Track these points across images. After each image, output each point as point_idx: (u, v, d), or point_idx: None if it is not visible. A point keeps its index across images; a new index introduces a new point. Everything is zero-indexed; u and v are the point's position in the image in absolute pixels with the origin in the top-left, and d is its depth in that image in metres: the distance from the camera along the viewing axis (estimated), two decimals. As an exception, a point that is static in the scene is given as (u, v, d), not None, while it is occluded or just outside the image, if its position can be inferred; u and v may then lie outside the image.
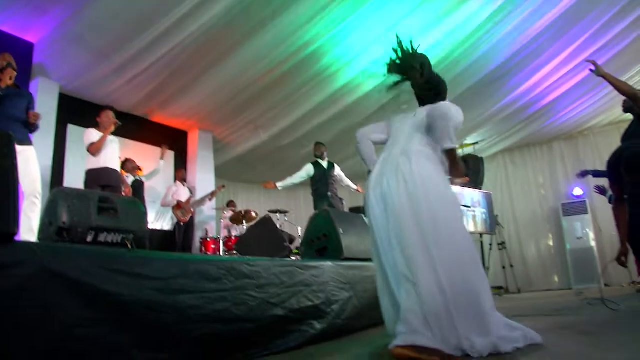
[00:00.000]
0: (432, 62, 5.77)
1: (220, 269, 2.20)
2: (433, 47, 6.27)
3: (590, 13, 6.27)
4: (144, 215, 3.50)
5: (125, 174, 7.05)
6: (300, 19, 5.71)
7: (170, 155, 8.90)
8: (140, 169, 7.17)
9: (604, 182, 6.37)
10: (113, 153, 5.62)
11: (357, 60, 6.65)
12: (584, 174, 6.10)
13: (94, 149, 5.36)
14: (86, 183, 5.35)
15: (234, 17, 5.59)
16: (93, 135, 5.46)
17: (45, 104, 6.64)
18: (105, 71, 6.55)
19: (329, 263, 3.06)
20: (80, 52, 6.17)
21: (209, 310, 2.07)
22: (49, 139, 6.54)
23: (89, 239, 3.20)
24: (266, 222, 4.66)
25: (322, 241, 3.70)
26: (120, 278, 1.84)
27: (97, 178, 5.29)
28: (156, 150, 8.58)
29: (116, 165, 5.69)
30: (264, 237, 4.58)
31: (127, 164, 7.11)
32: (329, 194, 6.86)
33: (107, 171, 5.41)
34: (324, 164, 7.08)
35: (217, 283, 2.16)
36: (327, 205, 6.33)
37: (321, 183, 6.91)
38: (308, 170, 7.06)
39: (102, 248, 2.44)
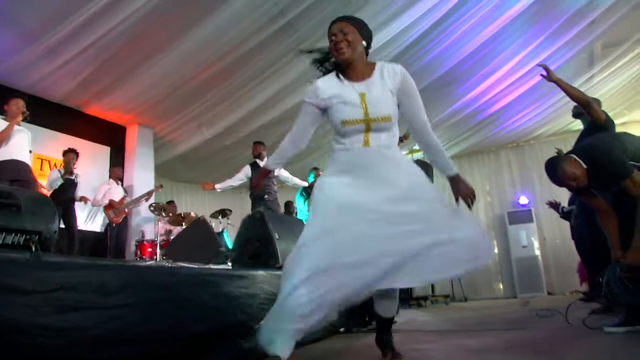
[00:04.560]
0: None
1: (121, 279, 1.84)
2: (380, 49, 6.08)
3: (538, 21, 6.28)
4: (54, 214, 3.07)
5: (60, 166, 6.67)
6: (249, 4, 5.36)
7: (105, 151, 8.36)
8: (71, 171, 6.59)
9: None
10: (22, 144, 5.09)
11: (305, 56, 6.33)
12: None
13: None
14: None
15: (175, 1, 5.20)
16: None
17: (-38, 89, 6.05)
18: (34, 54, 5.94)
19: (260, 272, 2.73)
20: (6, 32, 5.60)
21: (104, 330, 1.71)
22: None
23: (-18, 240, 2.77)
24: (200, 225, 4.30)
25: (255, 247, 3.36)
26: (-16, 292, 1.47)
27: (4, 171, 4.76)
28: (90, 146, 8.02)
29: (26, 158, 5.16)
30: (197, 241, 4.22)
31: (68, 154, 6.58)
32: (266, 196, 6.54)
33: (14, 163, 4.87)
34: (262, 164, 6.77)
35: (116, 296, 1.80)
36: (264, 208, 5.98)
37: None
38: (246, 171, 6.80)
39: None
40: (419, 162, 9.53)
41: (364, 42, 2.19)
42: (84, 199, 6.66)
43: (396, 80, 2.15)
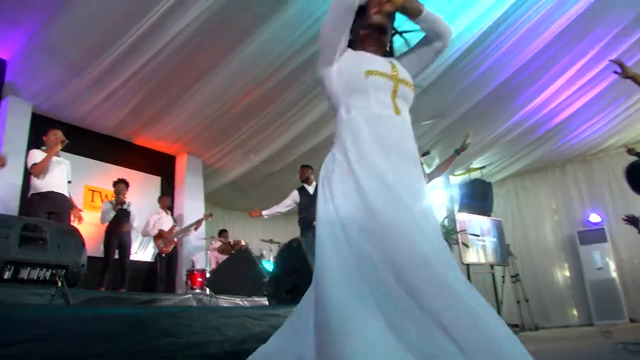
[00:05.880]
0: (432, 78, 5.20)
1: (121, 323, 1.59)
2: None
3: (602, 21, 5.74)
4: (81, 246, 2.92)
5: (111, 197, 6.67)
6: (289, 24, 5.19)
7: (156, 181, 8.41)
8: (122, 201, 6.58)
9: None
10: (61, 176, 5.11)
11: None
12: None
13: (37, 170, 4.86)
14: (29, 209, 4.82)
15: (214, 25, 5.11)
16: (36, 155, 4.98)
17: (16, 125, 6.20)
18: (81, 86, 6.06)
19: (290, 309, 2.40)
20: (53, 66, 5.73)
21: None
22: (19, 163, 6.00)
23: (7, 275, 2.63)
24: (242, 255, 4.05)
25: (293, 279, 3.02)
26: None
27: (42, 203, 4.77)
28: (142, 176, 8.08)
29: (63, 189, 5.16)
30: (240, 272, 3.97)
31: (118, 185, 6.59)
32: (315, 223, 6.22)
33: (52, 195, 4.88)
34: (310, 189, 6.49)
35: (114, 342, 1.54)
36: (312, 236, 5.62)
37: (307, 211, 6.28)
38: (294, 197, 6.53)
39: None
40: (478, 182, 9.10)
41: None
42: (123, 227, 6.51)
43: None
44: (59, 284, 2.70)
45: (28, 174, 6.22)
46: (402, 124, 1.67)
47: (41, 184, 4.89)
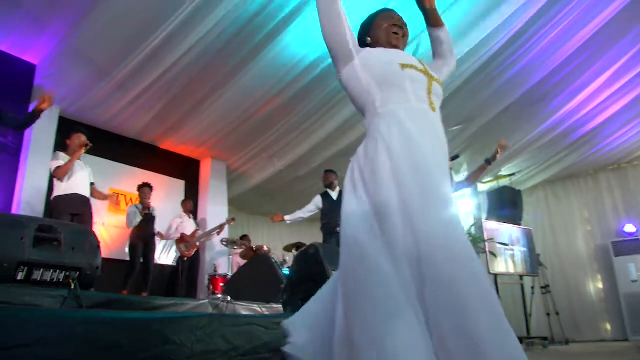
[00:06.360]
0: (460, 82, 5.10)
1: (123, 329, 1.51)
2: (461, 62, 5.57)
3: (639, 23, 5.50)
4: (96, 248, 2.88)
5: (136, 201, 6.70)
6: (313, 28, 5.13)
7: (180, 185, 8.43)
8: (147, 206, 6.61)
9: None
10: (84, 179, 5.13)
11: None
12: None
13: (61, 173, 4.88)
14: (53, 211, 4.85)
15: (237, 30, 5.09)
16: (59, 158, 5.00)
17: (43, 128, 6.24)
18: (107, 90, 6.13)
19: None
20: (80, 69, 5.80)
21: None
22: (46, 166, 6.06)
23: (20, 276, 2.60)
24: (261, 260, 3.97)
25: (310, 287, 2.90)
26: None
27: (65, 205, 4.81)
28: (166, 180, 8.12)
29: (87, 192, 5.17)
30: (259, 278, 3.88)
31: (143, 189, 6.62)
32: (338, 229, 6.09)
33: (76, 198, 4.90)
34: (334, 194, 6.36)
35: (114, 348, 1.47)
36: (335, 243, 5.49)
37: (330, 217, 6.14)
38: (316, 202, 6.40)
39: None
40: (507, 189, 8.86)
41: None
42: (159, 235, 6.62)
43: None
44: (72, 287, 2.65)
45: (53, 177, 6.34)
46: (437, 121, 1.60)
47: (64, 187, 4.93)
